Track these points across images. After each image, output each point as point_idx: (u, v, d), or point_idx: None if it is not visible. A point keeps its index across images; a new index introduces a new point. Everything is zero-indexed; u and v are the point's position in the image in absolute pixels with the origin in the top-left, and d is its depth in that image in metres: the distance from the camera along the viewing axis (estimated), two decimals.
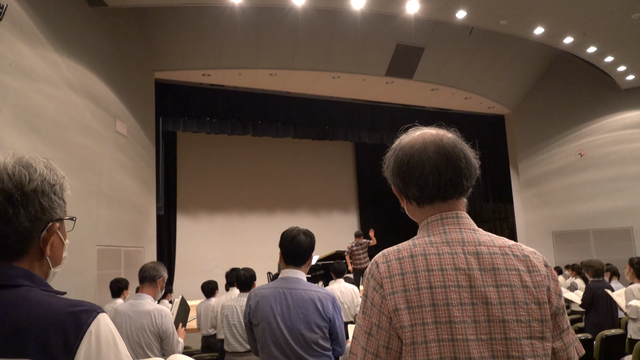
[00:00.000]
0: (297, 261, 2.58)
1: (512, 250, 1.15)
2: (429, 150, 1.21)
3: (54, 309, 0.95)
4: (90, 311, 0.97)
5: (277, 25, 9.50)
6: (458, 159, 1.20)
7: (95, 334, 0.95)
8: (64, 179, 1.11)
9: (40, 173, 1.05)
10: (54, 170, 1.09)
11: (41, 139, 6.07)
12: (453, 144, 1.22)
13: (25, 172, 1.03)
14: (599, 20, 9.10)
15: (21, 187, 1.01)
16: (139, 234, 9.02)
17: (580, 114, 13.07)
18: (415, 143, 1.23)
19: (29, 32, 6.00)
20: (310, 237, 2.61)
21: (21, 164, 1.04)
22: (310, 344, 2.41)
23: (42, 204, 1.04)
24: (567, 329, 1.14)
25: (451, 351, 1.03)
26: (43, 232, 1.05)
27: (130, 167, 8.72)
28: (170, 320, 3.24)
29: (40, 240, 1.05)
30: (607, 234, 12.36)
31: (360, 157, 16.73)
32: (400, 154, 1.25)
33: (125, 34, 8.84)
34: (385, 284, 1.11)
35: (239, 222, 14.67)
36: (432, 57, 10.93)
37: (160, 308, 3.23)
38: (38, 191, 1.03)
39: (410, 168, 1.21)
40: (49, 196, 1.05)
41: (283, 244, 2.60)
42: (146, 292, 3.28)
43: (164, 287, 3.40)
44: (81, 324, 0.94)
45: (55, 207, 1.07)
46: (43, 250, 1.05)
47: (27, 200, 1.02)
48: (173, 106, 11.08)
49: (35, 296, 0.97)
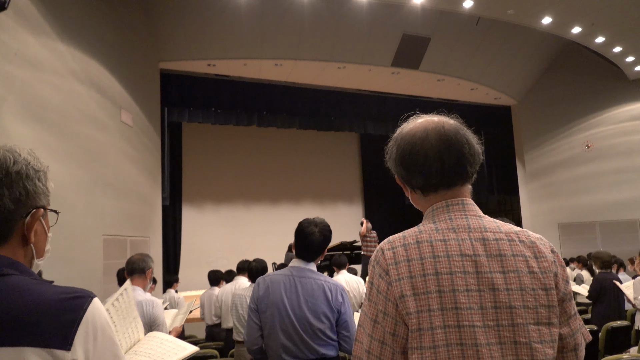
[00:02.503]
0: (308, 256, 2.58)
1: (518, 236, 1.14)
2: (430, 138, 1.19)
3: (47, 296, 0.93)
4: (84, 297, 0.96)
5: (282, 15, 9.45)
6: (461, 145, 1.19)
7: (91, 320, 0.94)
8: (47, 169, 1.10)
9: (25, 158, 1.04)
10: (37, 158, 1.08)
11: (46, 129, 6.08)
12: (455, 130, 1.21)
13: (10, 155, 1.02)
14: (608, 10, 8.99)
15: (5, 168, 1.00)
16: (144, 224, 9.05)
17: (587, 105, 12.98)
18: (417, 131, 1.22)
19: (34, 21, 5.99)
20: (325, 235, 2.57)
21: (5, 149, 1.03)
22: (317, 332, 2.41)
23: (26, 187, 1.02)
24: (574, 314, 1.14)
25: (457, 337, 1.03)
26: (27, 217, 1.03)
27: (136, 157, 8.74)
28: (160, 310, 3.25)
29: (24, 226, 1.03)
30: (613, 226, 12.30)
31: (365, 148, 16.69)
32: (402, 142, 1.23)
33: (131, 24, 8.82)
34: (391, 271, 1.10)
35: (244, 212, 14.71)
36: (438, 47, 10.85)
37: (151, 298, 3.25)
38: (22, 174, 1.02)
39: (412, 157, 1.20)
40: (33, 181, 1.04)
41: (297, 236, 2.59)
42: (136, 283, 3.29)
43: (152, 277, 3.42)
44: (77, 310, 0.93)
45: (39, 193, 1.06)
46: (27, 236, 1.03)
47: (12, 182, 1.00)
48: (178, 96, 11.08)
49: (26, 284, 0.95)
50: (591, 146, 12.81)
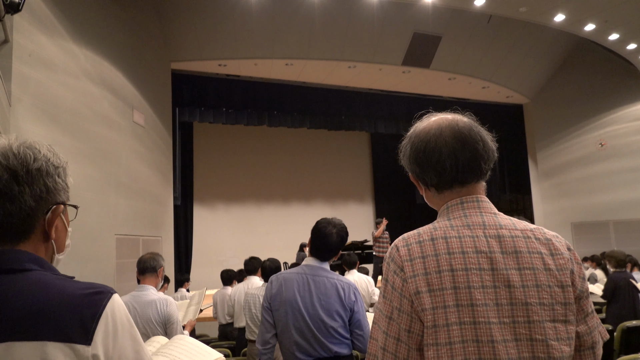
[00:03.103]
0: (323, 256, 2.58)
1: (534, 233, 1.13)
2: (445, 135, 1.20)
3: (68, 292, 0.95)
4: (104, 292, 0.98)
5: (293, 14, 9.46)
6: (475, 142, 1.19)
7: (111, 316, 0.96)
8: (66, 164, 1.11)
9: (44, 154, 1.06)
10: (57, 154, 1.10)
11: (60, 129, 6.15)
12: (469, 128, 1.21)
13: (30, 152, 1.04)
14: (622, 6, 8.89)
15: (26, 165, 1.02)
16: (156, 224, 9.11)
17: (600, 103, 12.83)
18: (431, 129, 1.22)
19: (47, 23, 6.05)
20: (342, 237, 2.58)
21: (25, 145, 1.05)
22: (330, 330, 2.41)
23: (46, 184, 1.04)
24: (591, 312, 1.13)
25: (473, 334, 1.02)
26: (48, 213, 1.05)
27: (148, 157, 8.80)
28: (174, 309, 3.26)
29: (45, 222, 1.04)
30: (627, 225, 12.16)
31: (376, 147, 16.66)
32: (416, 140, 1.24)
33: (142, 25, 8.89)
34: (406, 267, 1.10)
35: (255, 212, 14.75)
36: (449, 45, 10.80)
37: (164, 297, 3.25)
38: (43, 171, 1.04)
39: (427, 154, 1.21)
40: (53, 177, 1.06)
41: (314, 235, 2.59)
42: (148, 282, 3.30)
43: (163, 276, 3.43)
44: (97, 306, 0.95)
45: (59, 190, 1.07)
46: (48, 232, 1.05)
47: (32, 179, 1.02)
48: (189, 97, 11.14)
49: (48, 280, 0.97)
50: (605, 144, 12.67)
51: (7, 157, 1.01)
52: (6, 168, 1.00)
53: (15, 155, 1.01)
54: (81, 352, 0.90)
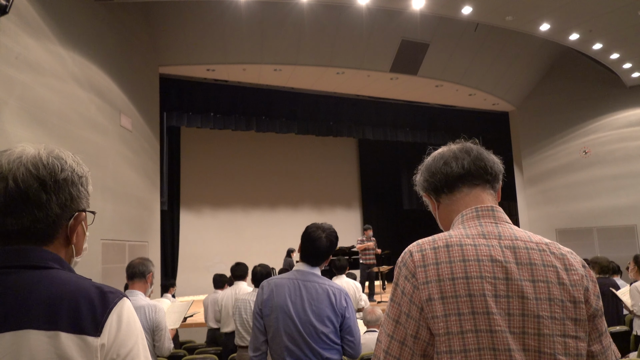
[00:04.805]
0: (313, 261, 2.59)
1: (549, 247, 1.15)
2: (453, 149, 1.34)
3: (84, 286, 1.04)
4: (116, 293, 1.06)
5: (282, 20, 9.48)
6: (480, 152, 1.32)
7: (118, 313, 1.03)
8: (88, 173, 1.20)
9: (70, 165, 1.14)
10: (80, 164, 1.18)
11: (47, 132, 6.08)
12: (476, 147, 1.35)
13: (58, 162, 1.11)
14: (606, 16, 9.05)
15: (54, 175, 1.09)
16: (143, 229, 9.04)
17: (585, 111, 13.03)
18: (442, 149, 1.37)
19: (35, 25, 6.00)
20: (332, 241, 2.60)
21: (53, 155, 1.12)
22: (321, 335, 2.41)
23: (71, 193, 1.12)
24: (605, 331, 1.13)
25: (490, 342, 1.03)
26: (70, 220, 1.13)
27: (135, 161, 8.73)
28: (162, 315, 3.23)
29: (67, 228, 1.13)
30: (611, 231, 12.33)
31: (364, 153, 16.69)
32: (428, 159, 1.38)
33: (131, 29, 8.84)
34: (419, 273, 1.11)
35: (243, 217, 14.69)
36: (436, 53, 10.89)
37: (153, 303, 3.22)
38: (68, 180, 1.12)
39: (435, 161, 1.33)
40: (77, 186, 1.14)
41: (303, 240, 2.60)
42: (137, 288, 3.27)
43: (152, 282, 3.40)
44: (108, 301, 1.03)
45: (82, 198, 1.16)
46: (69, 237, 1.14)
47: (59, 188, 1.10)
48: (177, 101, 11.09)
49: (66, 277, 1.05)
50: (589, 152, 12.86)
51: (37, 167, 1.08)
52: (36, 177, 1.07)
53: (45, 166, 1.09)
54: (91, 343, 0.98)
